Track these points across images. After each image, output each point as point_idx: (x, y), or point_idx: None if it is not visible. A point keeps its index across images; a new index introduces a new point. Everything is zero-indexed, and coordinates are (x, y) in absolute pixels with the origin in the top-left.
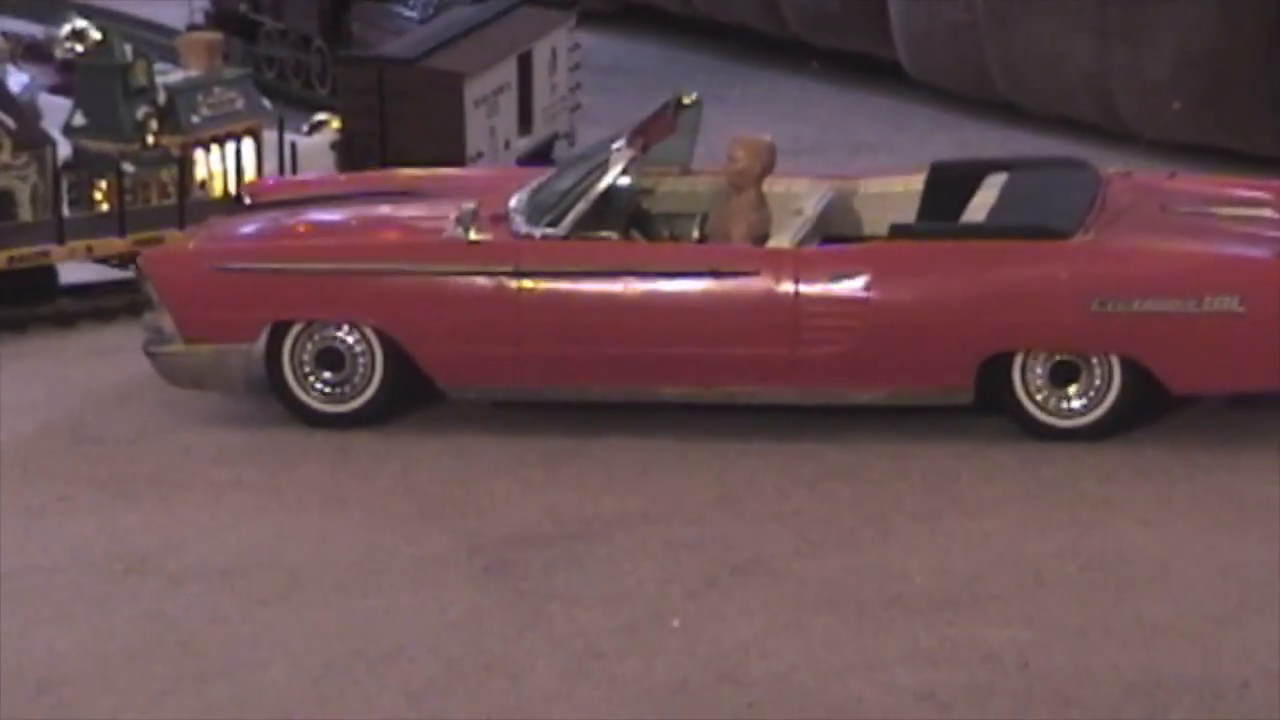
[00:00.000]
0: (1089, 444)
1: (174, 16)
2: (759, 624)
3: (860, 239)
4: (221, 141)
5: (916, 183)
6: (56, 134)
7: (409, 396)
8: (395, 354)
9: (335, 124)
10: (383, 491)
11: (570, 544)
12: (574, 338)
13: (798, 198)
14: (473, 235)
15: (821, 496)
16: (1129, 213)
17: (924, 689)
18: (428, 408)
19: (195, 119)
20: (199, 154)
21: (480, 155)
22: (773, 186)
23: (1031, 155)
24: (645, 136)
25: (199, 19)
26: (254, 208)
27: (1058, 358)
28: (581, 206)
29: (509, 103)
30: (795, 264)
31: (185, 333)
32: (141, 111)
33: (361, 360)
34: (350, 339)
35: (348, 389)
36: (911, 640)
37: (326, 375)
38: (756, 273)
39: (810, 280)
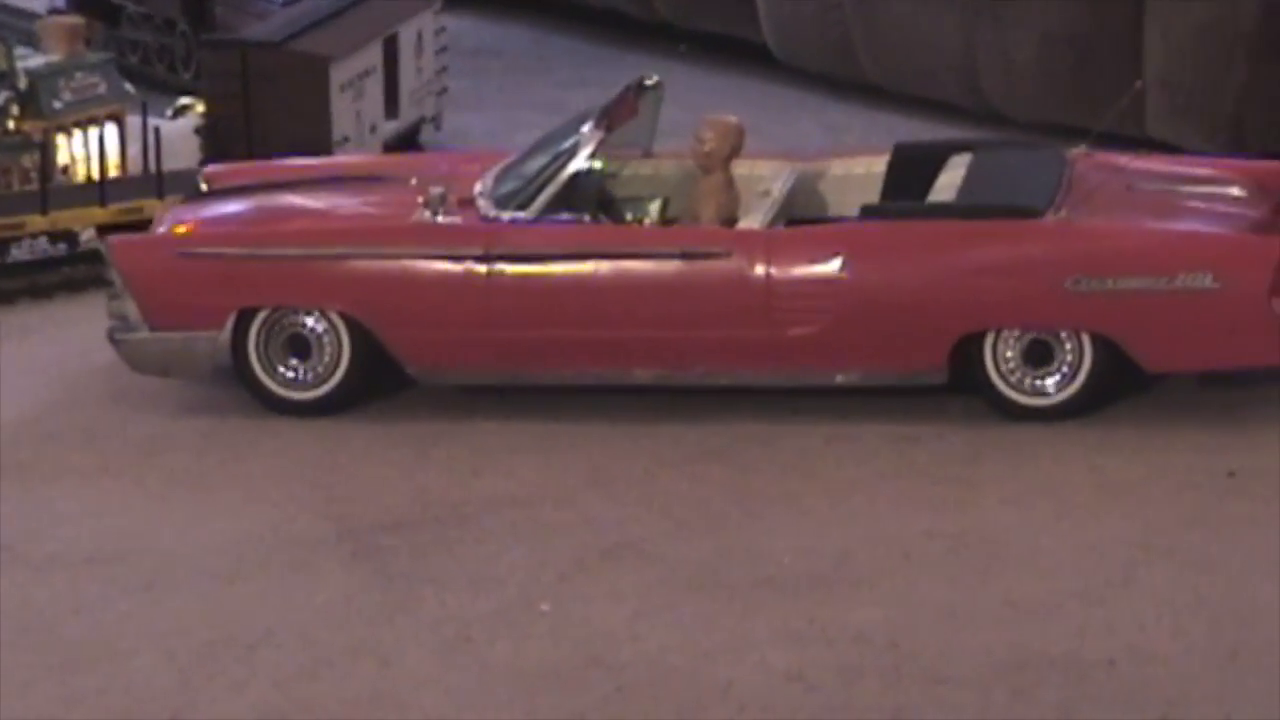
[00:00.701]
0: (956, 425)
1: (34, 0)
2: (629, 607)
3: (826, 220)
4: (84, 126)
5: (878, 164)
6: None
7: (375, 383)
8: (362, 340)
9: (200, 108)
10: (251, 477)
11: (440, 528)
12: (545, 321)
13: (762, 179)
14: (440, 219)
15: (691, 479)
16: (1098, 192)
17: (793, 669)
18: None
19: (57, 104)
20: (61, 139)
21: (346, 140)
22: (736, 168)
23: (993, 137)
24: (610, 119)
25: (60, 3)
26: (212, 194)
27: (1030, 337)
28: (551, 190)
29: (375, 87)
30: (768, 245)
31: (151, 320)
32: (2, 96)
33: (328, 347)
34: (317, 326)
35: (313, 376)
36: (781, 621)
37: (294, 362)
38: (729, 254)
39: (783, 262)
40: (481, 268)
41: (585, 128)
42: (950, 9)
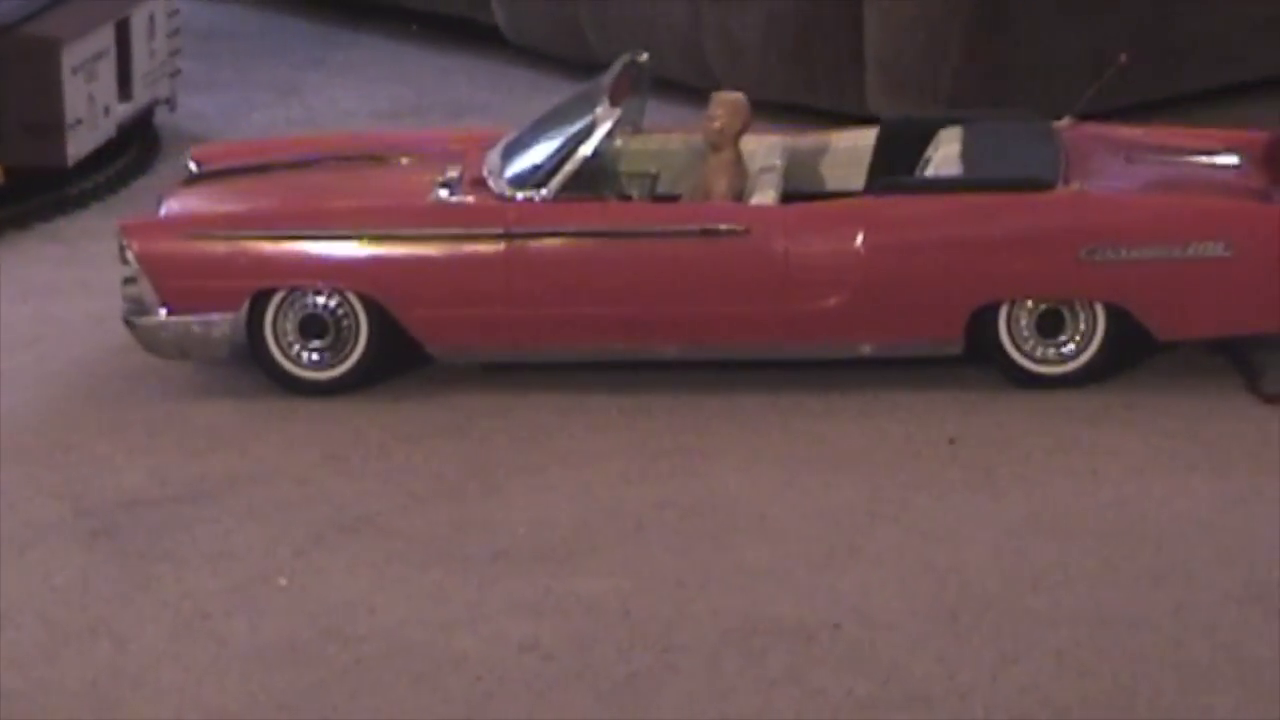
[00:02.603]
0: (687, 396)
1: None
2: (366, 580)
3: (819, 195)
4: None
5: (865, 139)
6: None
7: (393, 362)
8: (380, 320)
9: None
10: None
11: (177, 506)
12: (567, 299)
13: (754, 155)
14: (456, 199)
15: (427, 453)
16: (1100, 163)
17: (528, 639)
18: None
19: None
20: None
21: (80, 122)
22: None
23: (976, 112)
24: (616, 97)
25: None
26: (205, 175)
27: (1044, 307)
28: (569, 169)
29: (108, 69)
30: (785, 220)
31: (166, 303)
32: None
33: (346, 327)
34: (334, 304)
35: (329, 355)
36: (517, 592)
37: (314, 343)
38: (748, 231)
39: (801, 237)
40: (502, 246)
41: (600, 108)
42: None
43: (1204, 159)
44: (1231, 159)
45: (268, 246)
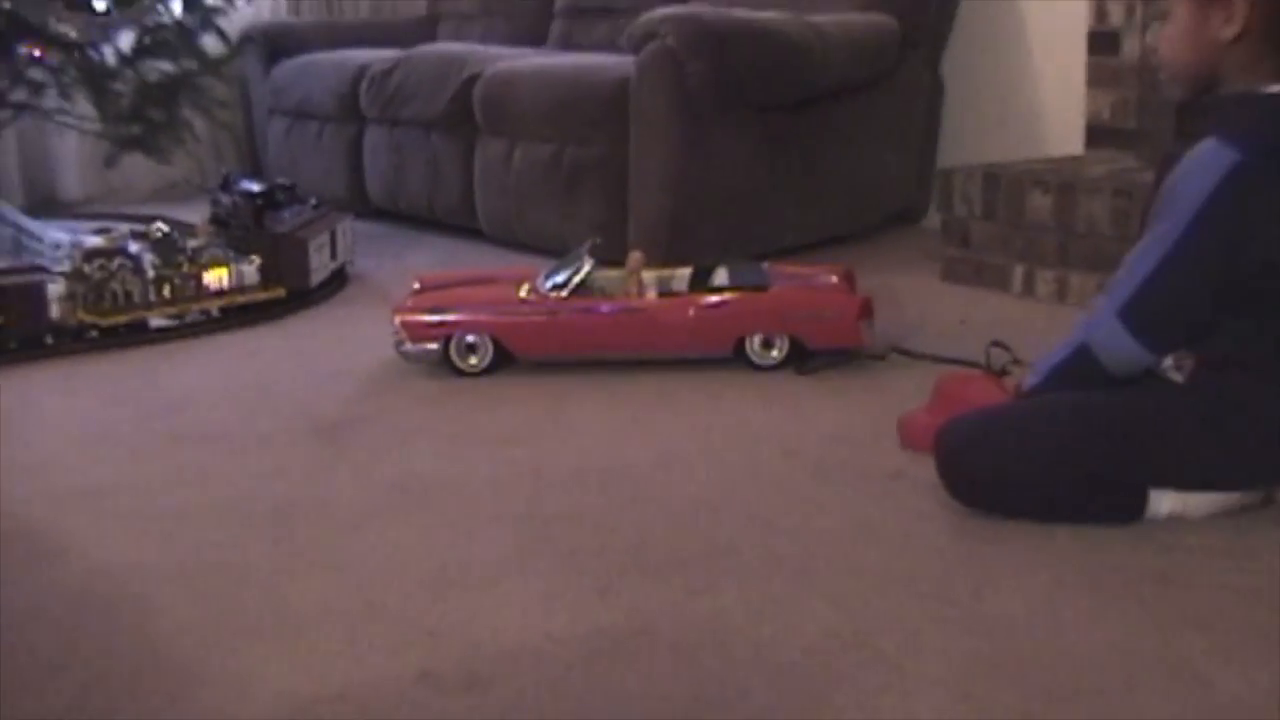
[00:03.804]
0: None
1: None
2: None
3: (673, 293)
4: None
5: (685, 271)
6: None
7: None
8: (498, 346)
9: None
10: None
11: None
12: (577, 339)
13: (647, 277)
14: (526, 295)
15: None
16: (780, 279)
17: None
18: None
19: None
20: None
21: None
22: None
23: (735, 258)
24: (590, 254)
25: None
26: (424, 289)
27: (762, 336)
28: (575, 281)
29: (326, 246)
30: (661, 304)
31: (410, 340)
32: None
33: (481, 349)
34: (476, 339)
35: (475, 361)
36: None
37: (471, 357)
38: (645, 309)
39: (667, 312)
40: (546, 316)
41: (585, 258)
42: None
43: (819, 277)
44: (832, 278)
45: (446, 316)
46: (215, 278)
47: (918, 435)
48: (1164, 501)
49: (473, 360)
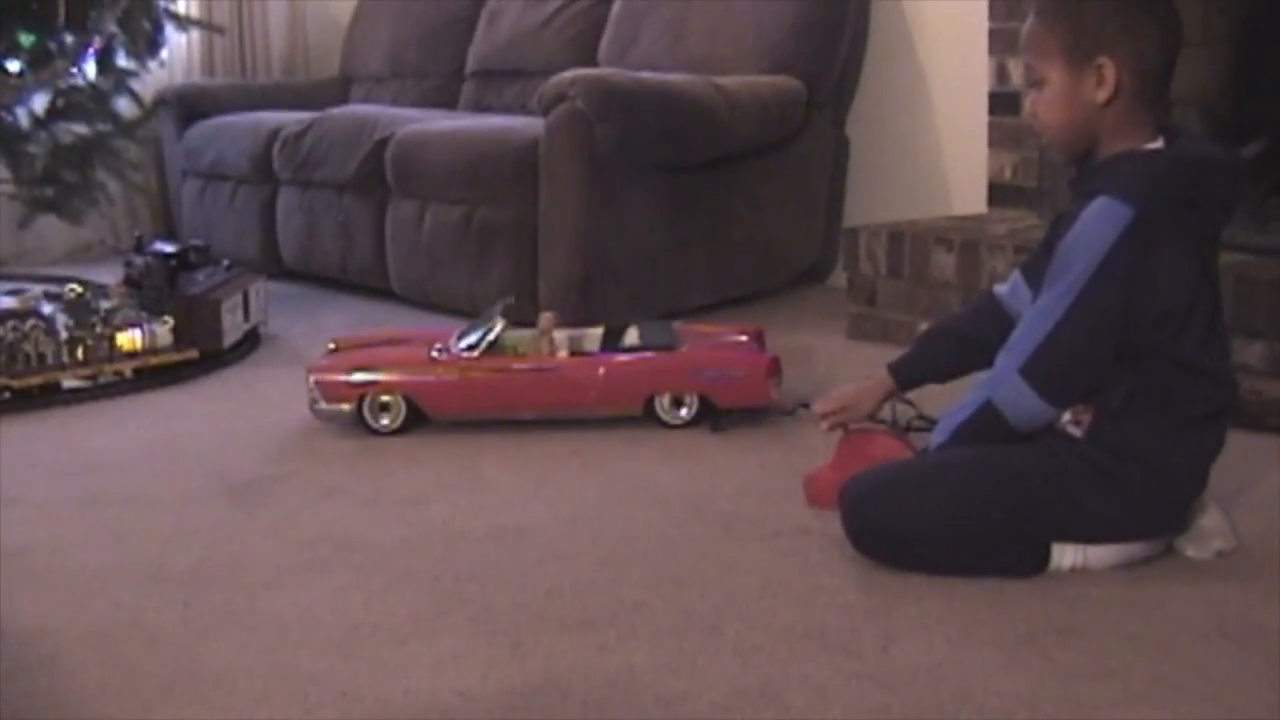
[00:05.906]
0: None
1: None
2: None
3: (584, 352)
4: None
5: (597, 331)
6: None
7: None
8: (411, 405)
9: None
10: None
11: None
12: (485, 398)
13: (560, 337)
14: (438, 355)
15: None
16: (691, 338)
17: None
18: None
19: None
20: None
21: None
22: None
23: (644, 319)
24: (503, 314)
25: None
26: (338, 349)
27: (671, 395)
28: (486, 341)
29: (239, 307)
30: (571, 363)
31: (323, 400)
32: None
33: (394, 408)
34: (389, 399)
35: (389, 421)
36: None
37: (383, 417)
38: (557, 368)
39: (577, 370)
40: (459, 375)
41: (497, 318)
42: None
43: (728, 336)
44: (741, 337)
45: (360, 376)
46: (128, 339)
47: (823, 492)
48: (1066, 554)
49: (385, 420)
